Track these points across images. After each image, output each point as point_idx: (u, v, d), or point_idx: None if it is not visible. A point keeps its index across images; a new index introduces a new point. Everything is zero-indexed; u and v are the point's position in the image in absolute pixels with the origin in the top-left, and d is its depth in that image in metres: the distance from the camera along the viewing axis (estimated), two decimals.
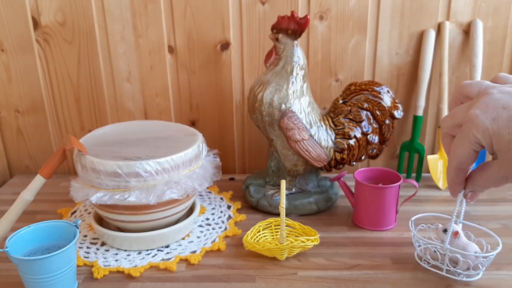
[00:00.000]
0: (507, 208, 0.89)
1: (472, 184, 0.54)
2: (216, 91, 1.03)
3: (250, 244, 0.72)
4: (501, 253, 0.74)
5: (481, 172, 0.52)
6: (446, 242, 0.66)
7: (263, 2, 0.96)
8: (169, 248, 0.77)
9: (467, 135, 0.48)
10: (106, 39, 0.99)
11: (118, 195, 0.70)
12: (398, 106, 0.87)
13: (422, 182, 1.01)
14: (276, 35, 0.82)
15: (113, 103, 1.05)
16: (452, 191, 0.56)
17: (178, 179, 0.73)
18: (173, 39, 0.99)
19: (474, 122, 0.47)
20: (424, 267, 0.70)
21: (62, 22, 0.98)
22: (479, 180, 0.53)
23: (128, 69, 1.02)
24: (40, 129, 1.08)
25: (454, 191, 0.56)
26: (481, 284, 0.66)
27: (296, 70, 0.82)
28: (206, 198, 0.95)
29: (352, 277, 0.68)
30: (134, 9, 0.97)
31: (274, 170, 0.92)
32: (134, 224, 0.75)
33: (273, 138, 0.85)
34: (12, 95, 1.04)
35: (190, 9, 0.97)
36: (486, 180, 0.52)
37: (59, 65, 1.01)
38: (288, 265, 0.72)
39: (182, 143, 0.77)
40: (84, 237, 0.80)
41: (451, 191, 0.56)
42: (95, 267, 0.71)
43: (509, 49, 0.99)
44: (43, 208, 0.91)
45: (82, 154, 0.73)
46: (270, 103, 0.81)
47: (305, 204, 0.86)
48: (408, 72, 1.01)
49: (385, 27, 0.98)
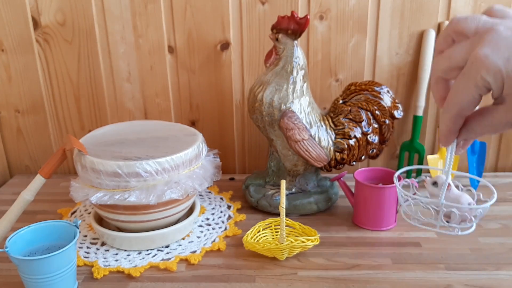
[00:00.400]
0: (507, 208, 0.89)
1: (467, 132, 0.49)
2: (216, 91, 1.03)
3: (250, 244, 0.72)
4: (501, 253, 0.74)
5: (480, 118, 0.47)
6: (441, 197, 0.60)
7: (263, 2, 0.96)
8: (169, 248, 0.77)
9: (474, 78, 0.42)
10: (106, 39, 0.99)
11: (118, 195, 0.70)
12: (398, 106, 0.87)
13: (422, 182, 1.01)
14: (276, 35, 0.82)
15: (113, 103, 1.05)
16: (445, 140, 0.50)
17: (178, 179, 0.73)
18: (173, 39, 0.99)
19: (483, 63, 0.41)
20: (416, 225, 0.65)
21: (62, 22, 0.98)
22: (477, 127, 0.48)
23: (128, 69, 1.02)
24: (40, 129, 1.08)
25: (447, 140, 0.50)
26: (481, 284, 0.66)
27: (296, 70, 0.82)
28: (206, 198, 0.95)
29: (352, 277, 0.68)
30: (134, 9, 0.97)
31: (274, 170, 0.92)
32: (134, 224, 0.75)
33: (273, 138, 0.85)
34: (12, 95, 1.04)
35: (190, 9, 0.97)
36: (486, 126, 0.47)
37: (59, 65, 1.01)
38: (288, 265, 0.72)
39: (182, 143, 0.77)
40: (84, 237, 0.80)
41: (444, 140, 0.51)
42: (95, 267, 0.71)
43: None
44: (43, 208, 0.91)
45: (82, 154, 0.73)
46: (270, 103, 0.81)
47: (305, 204, 0.86)
48: (408, 72, 1.01)
49: (385, 27, 0.98)
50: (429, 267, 0.70)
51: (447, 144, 0.51)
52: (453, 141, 0.51)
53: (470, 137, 0.50)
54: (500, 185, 1.00)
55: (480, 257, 0.73)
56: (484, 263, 0.71)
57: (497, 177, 1.04)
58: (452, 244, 0.77)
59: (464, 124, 0.48)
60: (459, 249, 0.75)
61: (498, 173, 1.08)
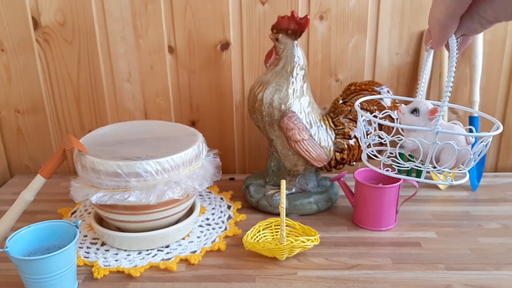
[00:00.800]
0: (507, 208, 0.89)
1: (472, 21, 0.39)
2: (216, 91, 1.03)
3: (250, 244, 0.72)
4: (501, 253, 0.74)
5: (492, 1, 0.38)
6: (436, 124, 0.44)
7: (263, 2, 0.96)
8: (169, 248, 0.77)
9: None
10: (106, 39, 0.99)
11: (118, 195, 0.70)
12: (398, 106, 0.87)
13: (422, 182, 1.01)
14: (276, 35, 0.82)
15: (113, 103, 1.05)
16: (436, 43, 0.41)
17: (178, 179, 0.73)
18: (173, 39, 0.99)
19: None
20: (389, 175, 0.50)
21: (62, 22, 0.98)
22: (491, 12, 0.38)
23: (128, 69, 1.02)
24: (40, 129, 1.08)
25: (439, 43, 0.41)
26: (481, 284, 0.66)
27: (296, 70, 0.82)
28: (206, 198, 0.95)
29: (352, 277, 0.69)
30: (134, 9, 0.97)
31: (274, 170, 0.92)
32: (134, 224, 0.75)
33: (273, 138, 0.85)
34: (12, 95, 1.05)
35: (190, 9, 0.97)
36: (503, 9, 0.38)
37: (59, 65, 1.01)
38: (288, 265, 0.72)
39: (182, 143, 0.77)
40: (84, 237, 0.80)
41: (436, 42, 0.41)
42: (95, 267, 0.71)
43: (509, 49, 0.99)
44: (43, 208, 0.91)
45: (82, 154, 0.73)
46: (270, 103, 0.81)
47: (305, 204, 0.86)
48: (408, 72, 1.01)
49: (385, 27, 0.98)
50: (429, 267, 0.70)
51: (441, 41, 0.41)
52: (449, 34, 0.40)
53: (474, 28, 0.40)
54: (500, 185, 1.00)
55: (480, 257, 0.73)
56: (484, 263, 0.71)
57: (497, 177, 1.04)
58: (452, 244, 0.77)
59: (472, 10, 0.39)
60: (459, 249, 0.75)
61: (498, 173, 1.08)
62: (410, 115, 0.47)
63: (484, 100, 1.02)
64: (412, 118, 0.47)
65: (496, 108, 1.03)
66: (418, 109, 0.47)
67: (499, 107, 1.03)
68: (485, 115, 0.52)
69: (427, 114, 0.46)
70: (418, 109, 0.47)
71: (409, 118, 0.47)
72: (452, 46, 0.40)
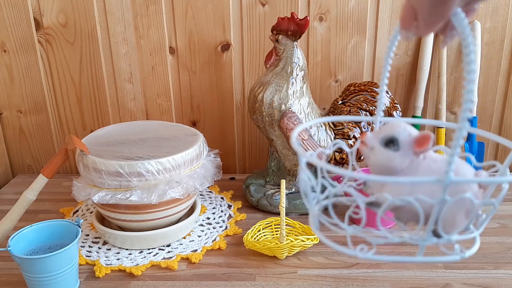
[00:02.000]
0: (505, 207, 0.90)
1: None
2: (217, 91, 1.04)
3: (251, 243, 0.73)
4: (500, 252, 0.74)
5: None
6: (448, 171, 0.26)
7: (263, 4, 0.96)
8: (170, 247, 0.77)
9: None
10: (107, 40, 1.00)
11: (120, 195, 0.71)
12: (397, 106, 0.87)
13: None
14: (276, 36, 0.82)
15: (114, 104, 1.05)
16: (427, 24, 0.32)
17: (179, 178, 0.73)
18: (174, 40, 1.00)
19: None
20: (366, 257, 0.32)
21: (64, 23, 0.98)
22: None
23: (129, 70, 1.02)
24: (42, 129, 1.08)
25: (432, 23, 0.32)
26: (479, 283, 0.67)
27: (296, 71, 0.82)
28: (207, 198, 0.95)
29: (351, 276, 0.69)
30: (135, 10, 0.97)
31: (274, 170, 0.93)
32: (135, 223, 0.76)
33: (273, 138, 0.85)
34: (15, 96, 1.05)
35: (191, 10, 0.97)
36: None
37: (61, 65, 1.02)
38: (288, 264, 0.72)
39: (183, 143, 0.78)
40: (86, 236, 0.81)
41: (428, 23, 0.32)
42: (97, 266, 0.71)
43: (507, 50, 0.99)
44: (45, 207, 0.92)
45: (84, 154, 0.73)
46: (270, 104, 0.82)
47: (305, 203, 0.87)
48: (406, 73, 1.02)
49: (384, 28, 0.98)
50: (427, 266, 0.71)
51: (436, 21, 0.30)
52: (451, 8, 0.29)
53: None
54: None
55: (478, 256, 0.73)
56: (483, 262, 0.72)
57: None
58: None
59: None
60: None
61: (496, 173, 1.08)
62: (385, 150, 0.30)
63: (482, 100, 1.03)
64: (388, 155, 0.30)
65: (494, 109, 1.04)
66: (396, 139, 0.29)
67: (497, 107, 1.04)
68: (492, 135, 0.39)
69: (412, 146, 0.29)
70: (397, 140, 0.29)
71: (382, 155, 0.30)
72: (461, 24, 0.25)
